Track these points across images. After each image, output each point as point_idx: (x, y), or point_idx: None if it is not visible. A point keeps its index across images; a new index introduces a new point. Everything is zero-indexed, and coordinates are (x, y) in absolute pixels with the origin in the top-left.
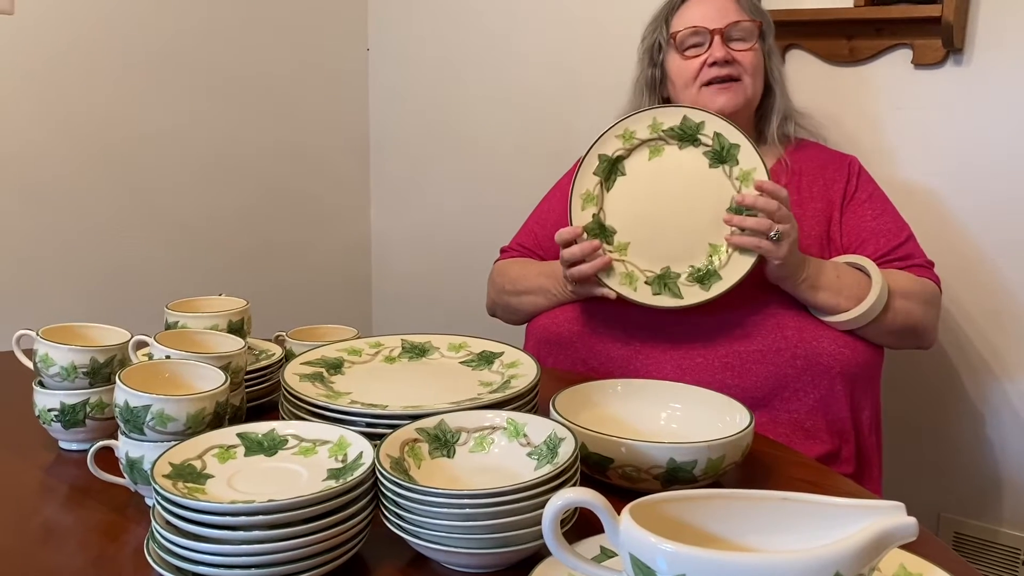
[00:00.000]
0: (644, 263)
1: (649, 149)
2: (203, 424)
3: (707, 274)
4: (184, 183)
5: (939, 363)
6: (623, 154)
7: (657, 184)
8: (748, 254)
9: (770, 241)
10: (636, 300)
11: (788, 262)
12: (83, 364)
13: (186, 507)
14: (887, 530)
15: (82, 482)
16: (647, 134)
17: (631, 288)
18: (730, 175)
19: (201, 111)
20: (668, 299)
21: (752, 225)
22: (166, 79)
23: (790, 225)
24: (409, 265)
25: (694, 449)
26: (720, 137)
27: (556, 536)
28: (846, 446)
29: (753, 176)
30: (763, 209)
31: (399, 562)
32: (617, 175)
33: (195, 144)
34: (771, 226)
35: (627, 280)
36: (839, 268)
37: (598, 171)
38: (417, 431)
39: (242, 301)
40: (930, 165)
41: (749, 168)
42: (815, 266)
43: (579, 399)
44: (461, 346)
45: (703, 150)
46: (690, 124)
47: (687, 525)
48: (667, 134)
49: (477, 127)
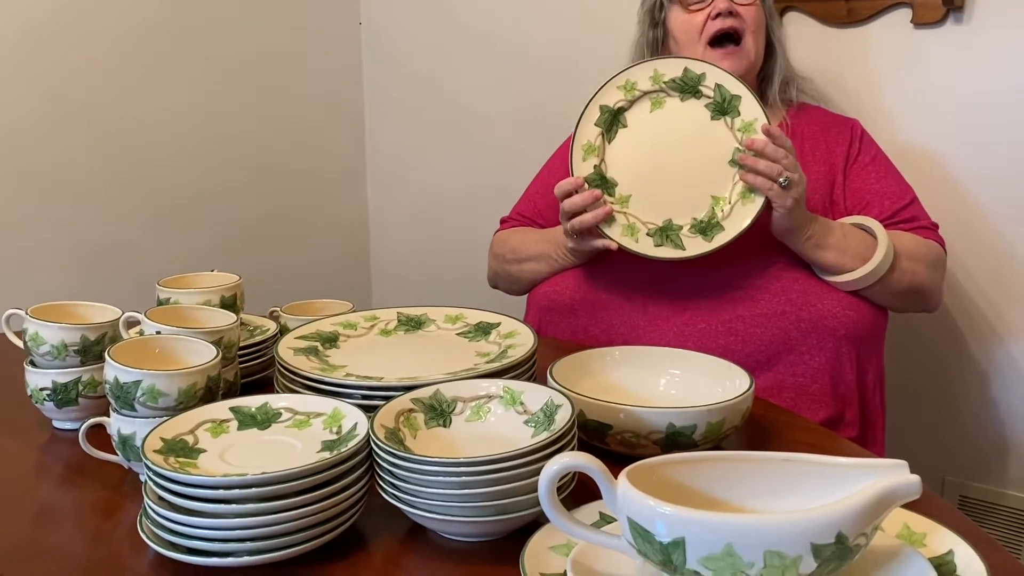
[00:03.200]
0: (646, 215)
1: (651, 101)
2: (195, 399)
3: (710, 225)
4: (177, 161)
5: (943, 326)
6: (624, 105)
7: (659, 136)
8: (751, 204)
9: (779, 187)
10: (638, 251)
11: (794, 213)
12: (73, 342)
13: (178, 481)
14: (890, 488)
15: (77, 461)
16: (648, 85)
17: (632, 239)
18: (732, 127)
19: (193, 88)
20: (670, 250)
21: (763, 169)
22: (157, 56)
23: (798, 175)
24: (408, 239)
25: (693, 413)
26: (721, 88)
27: (552, 501)
28: (850, 410)
29: (755, 127)
30: (771, 156)
31: (397, 532)
32: (619, 127)
33: (187, 122)
34: (780, 171)
35: (628, 231)
36: (845, 228)
37: (599, 122)
38: (412, 401)
39: (234, 276)
40: (932, 127)
41: (751, 119)
42: (821, 225)
43: (577, 367)
44: (458, 317)
45: (704, 102)
46: (691, 76)
47: (686, 488)
48: (668, 86)
49: (474, 98)
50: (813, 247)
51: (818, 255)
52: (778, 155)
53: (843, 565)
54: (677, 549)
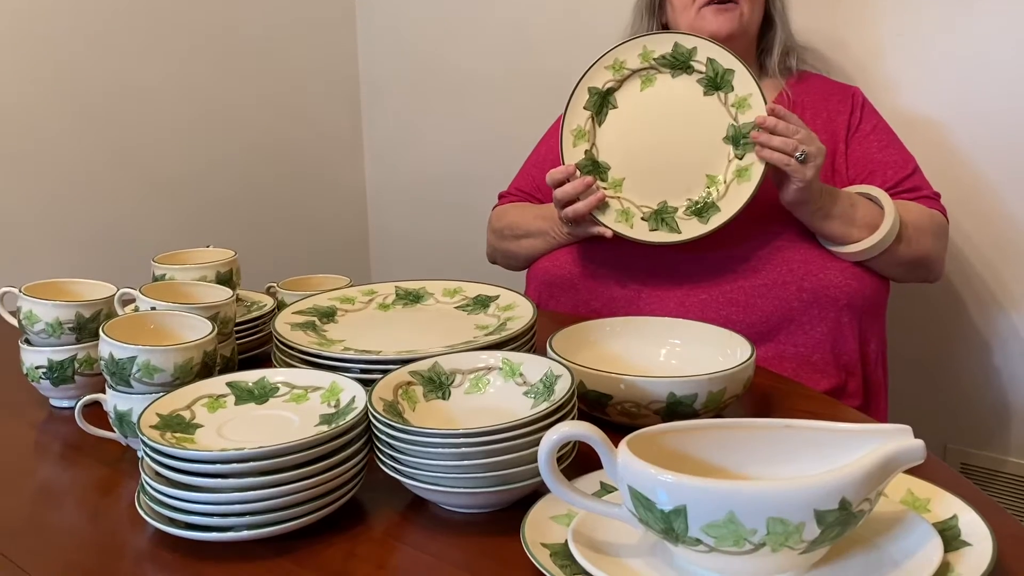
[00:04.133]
0: (640, 198)
1: (641, 79)
2: (191, 375)
3: (705, 207)
4: (172, 138)
5: (945, 295)
6: (614, 86)
7: (650, 115)
8: (747, 183)
9: (796, 161)
10: (633, 237)
11: (811, 186)
12: (68, 320)
13: (175, 456)
14: (894, 453)
15: (75, 439)
16: (638, 63)
17: (627, 225)
18: (725, 102)
19: (186, 64)
20: (665, 234)
21: (778, 145)
22: (152, 33)
23: (815, 147)
24: (406, 216)
25: (694, 382)
26: (713, 63)
27: (553, 471)
28: (852, 380)
29: (749, 102)
30: (784, 132)
31: (398, 505)
32: (608, 108)
33: (181, 98)
34: (796, 146)
35: (623, 217)
36: (852, 198)
37: (588, 105)
38: (411, 374)
39: (230, 252)
40: (933, 94)
41: (745, 94)
42: (829, 195)
43: (577, 339)
44: (456, 291)
45: (696, 77)
46: (682, 51)
47: (687, 457)
48: (658, 62)
49: (471, 69)
50: (821, 217)
51: (825, 225)
52: (789, 131)
53: (846, 531)
54: (679, 517)
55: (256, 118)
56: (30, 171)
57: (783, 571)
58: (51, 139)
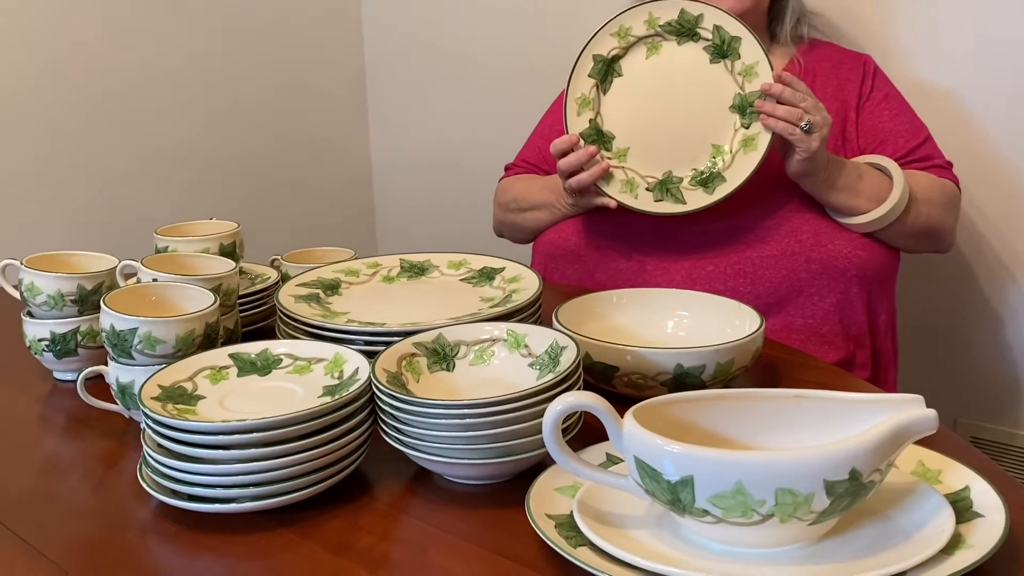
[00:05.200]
0: (645, 168)
1: (646, 47)
2: (193, 346)
3: (711, 177)
4: (176, 111)
5: (956, 266)
6: (619, 53)
7: (656, 84)
8: (753, 153)
9: (801, 131)
10: (637, 208)
11: (817, 157)
12: (70, 292)
13: (177, 428)
14: (905, 423)
15: (79, 412)
16: (643, 30)
17: (632, 196)
18: (732, 71)
19: (191, 37)
20: (671, 205)
21: (782, 114)
22: (155, 6)
23: (821, 117)
24: (412, 189)
25: (702, 353)
26: (720, 30)
27: (558, 441)
28: (861, 351)
29: (756, 70)
30: (789, 101)
31: (402, 478)
32: (614, 76)
33: (188, 72)
34: (801, 115)
35: (627, 187)
36: (860, 168)
37: (593, 73)
38: (415, 345)
39: (233, 224)
40: (946, 62)
41: (752, 62)
42: (836, 165)
43: (583, 311)
44: (461, 263)
45: (703, 45)
46: (688, 17)
47: (694, 427)
48: (664, 29)
49: (476, 43)
50: (828, 188)
51: (831, 196)
52: (796, 98)
53: (856, 502)
54: (685, 488)
55: (262, 92)
56: (33, 143)
57: (792, 542)
58: (54, 112)
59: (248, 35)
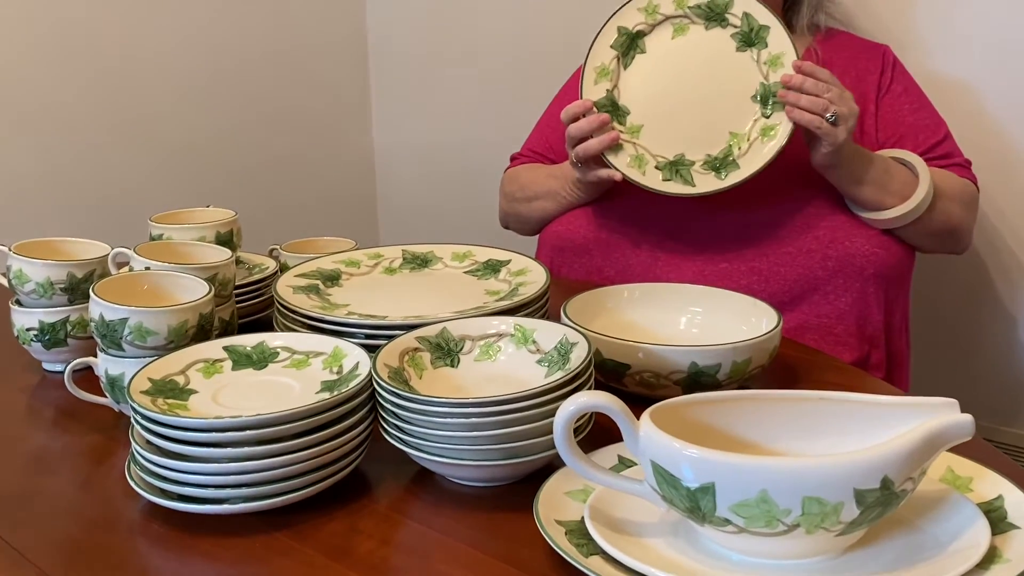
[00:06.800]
0: (657, 147)
1: (673, 27)
2: (186, 338)
3: (724, 163)
4: (175, 98)
5: (971, 265)
6: (645, 29)
7: (679, 65)
8: (772, 142)
9: (828, 123)
10: (643, 184)
11: (843, 150)
12: (60, 280)
13: (166, 424)
14: (940, 429)
15: (68, 404)
16: (672, 10)
17: (639, 171)
18: (757, 59)
19: (190, 21)
20: (678, 186)
21: (806, 105)
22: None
23: (847, 108)
24: (416, 178)
25: (718, 352)
26: (749, 17)
27: (569, 444)
28: (876, 352)
29: (782, 61)
30: (812, 91)
31: (403, 478)
32: (636, 52)
33: (185, 55)
34: (826, 106)
35: (636, 163)
36: (887, 162)
37: (616, 45)
38: (418, 340)
39: (230, 212)
40: (963, 55)
41: (778, 52)
42: (863, 158)
43: (592, 305)
44: (466, 255)
45: (731, 32)
46: (718, 2)
47: (713, 430)
48: (693, 11)
49: (481, 31)
50: (853, 182)
51: (858, 190)
52: (819, 88)
53: (887, 512)
54: (706, 495)
55: (262, 77)
56: (25, 127)
57: (817, 554)
58: (56, 104)
59: (248, 19)
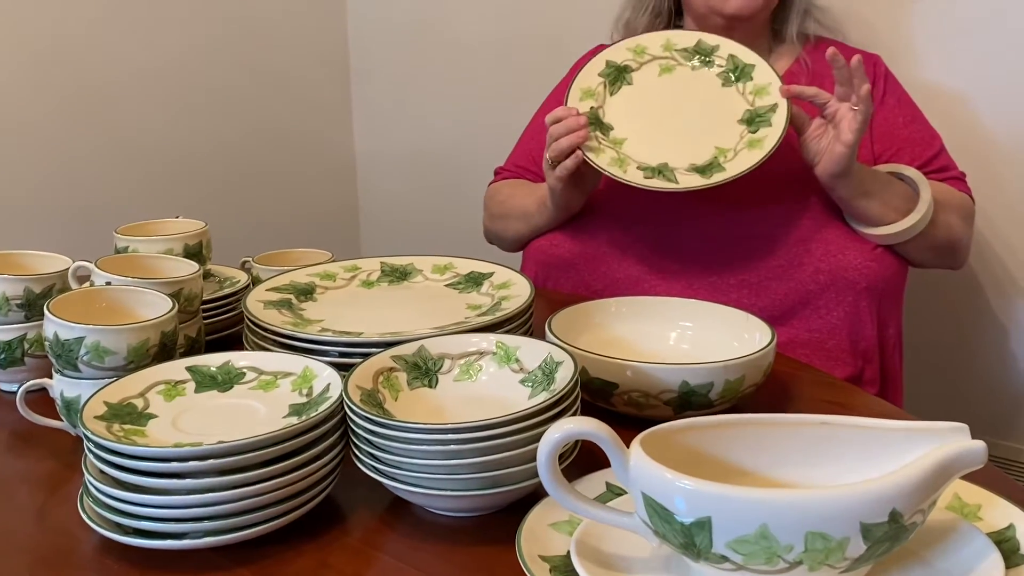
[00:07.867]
0: (640, 157)
1: (660, 66)
2: (147, 357)
3: (709, 167)
4: (147, 107)
5: (964, 279)
6: (632, 66)
7: (665, 97)
8: (758, 150)
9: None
10: (624, 179)
11: (853, 152)
12: (16, 295)
13: (121, 453)
14: (951, 457)
15: (24, 427)
16: (659, 52)
17: (620, 170)
18: (743, 91)
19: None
20: (661, 182)
21: (811, 96)
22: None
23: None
24: (399, 189)
25: (709, 370)
26: (734, 58)
27: (554, 474)
28: (869, 367)
29: (769, 90)
30: (812, 97)
31: (377, 508)
32: (623, 83)
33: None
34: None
35: (618, 163)
36: (888, 177)
37: (604, 73)
38: (393, 359)
39: (200, 223)
40: (954, 64)
41: (765, 83)
42: (868, 170)
43: (578, 320)
44: (447, 267)
45: (716, 71)
46: (704, 47)
47: (709, 457)
48: (680, 54)
49: (464, 33)
50: (861, 194)
51: (864, 203)
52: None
53: (895, 547)
54: (702, 531)
55: (238, 85)
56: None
57: None
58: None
59: (228, 27)
